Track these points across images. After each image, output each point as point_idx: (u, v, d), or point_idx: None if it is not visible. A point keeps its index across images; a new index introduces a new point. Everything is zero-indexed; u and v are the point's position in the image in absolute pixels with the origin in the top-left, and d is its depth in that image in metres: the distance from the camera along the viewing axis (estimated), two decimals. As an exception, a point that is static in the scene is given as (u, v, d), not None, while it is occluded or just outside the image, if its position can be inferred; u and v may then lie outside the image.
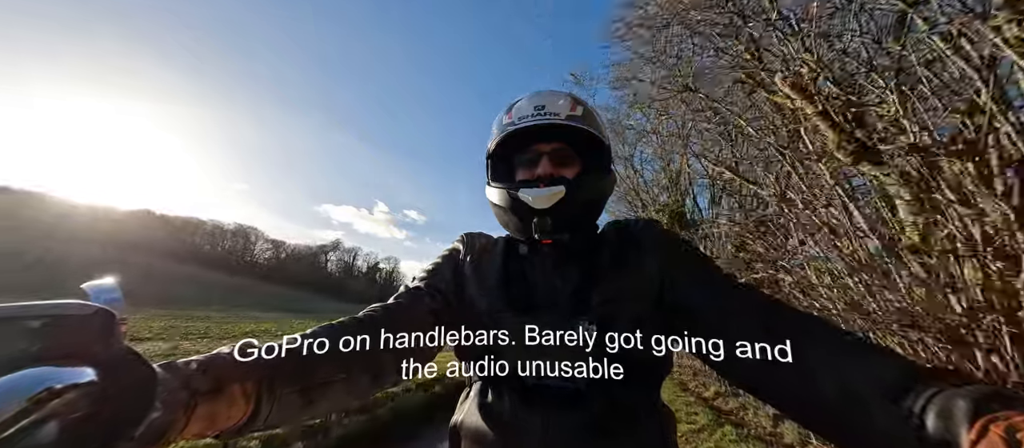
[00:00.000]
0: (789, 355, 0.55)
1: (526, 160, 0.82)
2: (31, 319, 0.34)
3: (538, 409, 0.65)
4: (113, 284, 0.45)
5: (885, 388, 0.48)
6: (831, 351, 0.55)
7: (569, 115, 0.77)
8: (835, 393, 0.51)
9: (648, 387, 0.72)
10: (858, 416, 0.49)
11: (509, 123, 0.79)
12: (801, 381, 0.54)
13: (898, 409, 0.46)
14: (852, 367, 0.52)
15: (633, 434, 0.66)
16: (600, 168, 0.83)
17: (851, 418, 0.50)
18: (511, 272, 0.79)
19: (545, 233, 0.75)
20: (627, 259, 0.77)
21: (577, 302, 0.71)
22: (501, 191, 0.80)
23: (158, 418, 0.38)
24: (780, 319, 0.61)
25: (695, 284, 0.71)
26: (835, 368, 0.53)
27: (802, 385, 0.55)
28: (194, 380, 0.44)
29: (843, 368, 0.52)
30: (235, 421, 0.48)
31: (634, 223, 0.84)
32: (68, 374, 0.33)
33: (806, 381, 0.54)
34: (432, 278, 0.82)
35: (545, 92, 0.82)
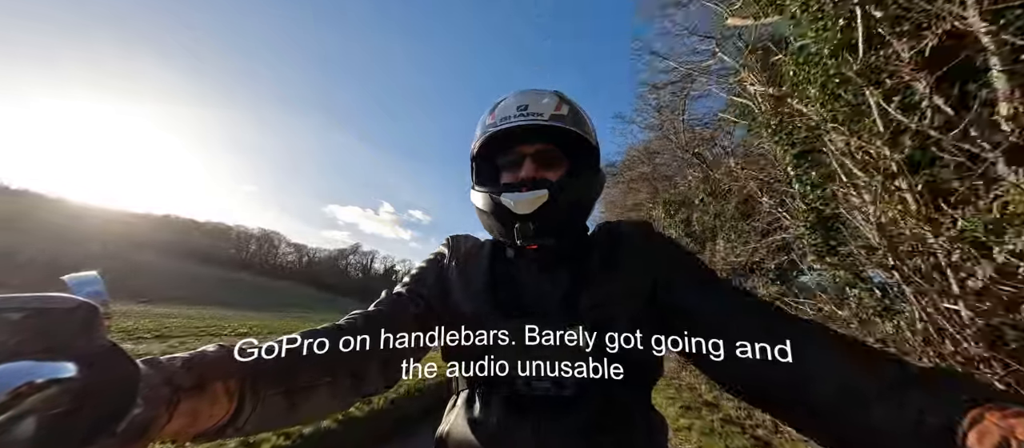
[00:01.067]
0: (788, 356, 0.54)
1: (509, 162, 0.79)
2: (11, 312, 0.33)
3: (529, 415, 0.63)
4: (95, 276, 0.44)
5: (882, 387, 0.48)
6: (828, 352, 0.55)
7: (553, 115, 0.74)
8: (833, 394, 0.51)
9: (640, 391, 0.71)
10: (856, 417, 0.49)
11: (491, 124, 0.77)
12: (799, 383, 0.54)
13: (896, 407, 0.46)
14: (849, 368, 0.52)
15: (626, 439, 0.64)
16: (587, 169, 0.80)
17: (849, 419, 0.50)
18: (498, 276, 0.78)
19: (528, 238, 0.73)
20: (617, 262, 0.76)
21: (566, 306, 0.70)
22: (484, 195, 0.77)
23: (140, 414, 0.37)
24: (777, 321, 0.61)
25: (689, 286, 0.70)
26: (833, 369, 0.53)
27: (800, 387, 0.54)
28: (177, 377, 0.44)
29: (840, 369, 0.52)
30: (217, 420, 0.48)
31: (626, 225, 0.83)
32: (49, 369, 0.32)
33: (804, 383, 0.54)
34: (415, 284, 0.80)
35: (529, 91, 0.80)
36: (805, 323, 0.61)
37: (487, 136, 0.77)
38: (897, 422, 0.46)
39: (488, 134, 0.76)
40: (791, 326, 0.59)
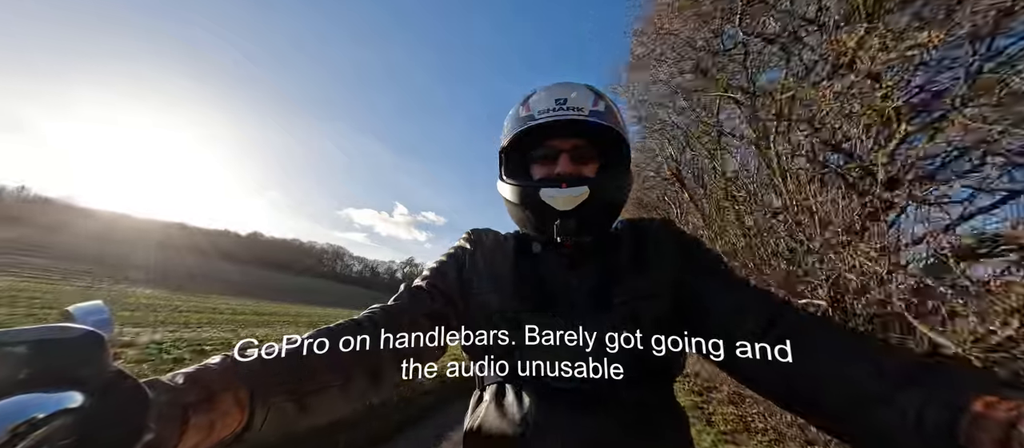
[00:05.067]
0: (797, 353, 0.55)
1: (542, 156, 0.78)
2: (16, 345, 0.33)
3: (560, 409, 0.63)
4: (101, 305, 0.45)
5: (891, 381, 0.49)
6: (838, 348, 0.56)
7: (592, 110, 0.73)
8: (843, 390, 0.52)
9: (665, 385, 0.71)
10: (866, 410, 0.49)
11: (527, 116, 0.75)
12: (809, 379, 0.55)
13: (904, 400, 0.46)
14: (858, 363, 0.53)
15: (656, 434, 0.65)
16: (620, 165, 0.78)
17: (860, 413, 0.50)
18: (524, 270, 0.77)
19: (569, 235, 0.72)
20: (646, 259, 0.76)
21: (596, 301, 0.70)
22: (518, 188, 0.76)
23: (152, 438, 0.37)
24: (789, 318, 0.61)
25: (711, 284, 0.71)
26: (842, 365, 0.53)
27: (811, 383, 0.55)
28: (184, 394, 0.43)
29: (850, 365, 0.53)
30: (231, 429, 0.48)
31: (649, 223, 0.83)
32: (56, 400, 0.32)
33: (814, 379, 0.55)
34: (434, 278, 0.78)
35: (564, 84, 0.78)
36: (815, 320, 0.63)
37: (524, 129, 0.75)
38: (901, 418, 0.45)
39: (527, 127, 0.74)
40: (801, 324, 0.60)
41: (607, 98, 0.78)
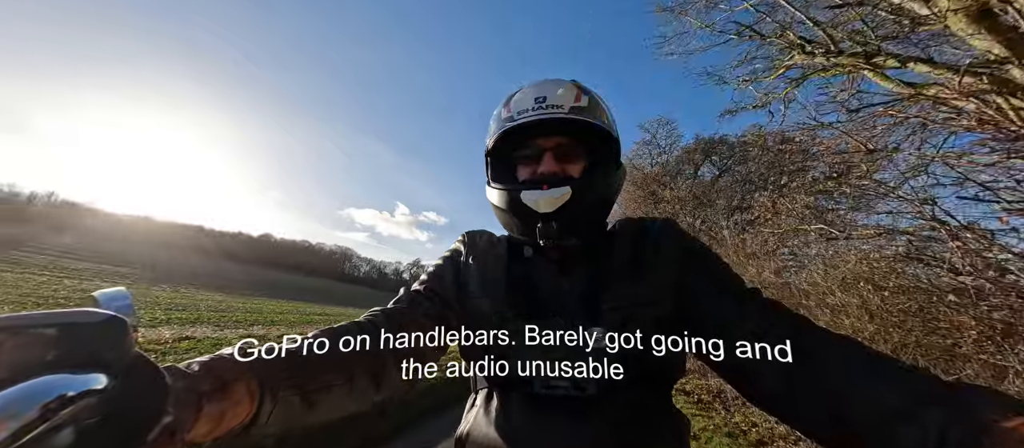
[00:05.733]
0: (822, 368, 0.54)
1: (526, 156, 0.77)
2: (45, 327, 0.34)
3: (549, 416, 0.62)
4: (124, 291, 0.46)
5: (911, 401, 0.47)
6: (855, 366, 0.53)
7: (573, 107, 0.72)
8: (869, 406, 0.49)
9: (661, 391, 0.70)
10: (890, 427, 0.47)
11: (508, 118, 0.74)
12: (825, 397, 0.53)
13: (928, 418, 0.45)
14: (877, 383, 0.51)
15: (648, 440, 0.63)
16: (607, 162, 0.77)
17: (883, 429, 0.48)
18: (515, 275, 0.76)
19: (551, 238, 0.71)
20: (643, 262, 0.73)
21: (586, 306, 0.68)
22: (502, 192, 0.76)
23: (170, 421, 0.39)
24: (803, 332, 0.59)
25: (713, 291, 0.68)
26: (860, 384, 0.51)
27: (826, 402, 0.53)
28: (199, 381, 0.44)
29: (868, 384, 0.51)
30: (241, 419, 0.48)
31: (651, 222, 0.79)
32: (82, 381, 0.33)
33: (830, 397, 0.52)
34: (432, 282, 0.79)
35: (546, 81, 0.77)
36: (831, 336, 0.58)
37: (504, 131, 0.74)
38: (923, 436, 0.44)
39: (505, 129, 0.73)
40: (816, 339, 0.57)
41: (593, 93, 0.76)
